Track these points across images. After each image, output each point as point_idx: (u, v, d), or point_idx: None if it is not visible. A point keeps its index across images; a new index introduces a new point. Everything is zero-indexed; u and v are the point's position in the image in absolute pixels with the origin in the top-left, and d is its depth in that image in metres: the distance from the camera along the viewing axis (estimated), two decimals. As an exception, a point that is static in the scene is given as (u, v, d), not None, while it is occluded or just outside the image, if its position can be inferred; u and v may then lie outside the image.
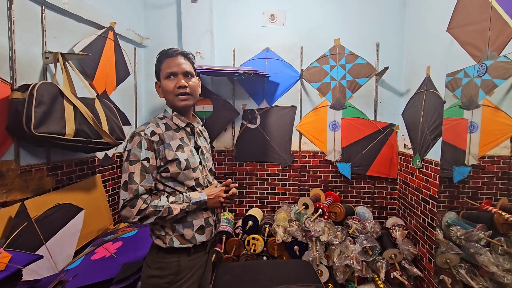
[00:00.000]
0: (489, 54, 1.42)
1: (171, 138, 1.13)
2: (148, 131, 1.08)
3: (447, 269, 1.71)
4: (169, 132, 1.14)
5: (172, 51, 1.14)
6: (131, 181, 1.03)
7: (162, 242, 1.12)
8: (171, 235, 1.12)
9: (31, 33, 1.55)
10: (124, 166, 1.06)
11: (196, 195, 1.13)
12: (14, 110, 1.34)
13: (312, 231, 2.13)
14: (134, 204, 1.02)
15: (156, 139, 1.08)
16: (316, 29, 2.55)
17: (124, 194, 1.03)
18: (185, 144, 1.16)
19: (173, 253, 1.13)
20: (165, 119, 1.18)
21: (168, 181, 1.12)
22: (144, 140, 1.06)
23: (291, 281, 1.65)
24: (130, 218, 1.02)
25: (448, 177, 1.76)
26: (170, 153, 1.10)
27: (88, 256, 1.61)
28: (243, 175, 2.73)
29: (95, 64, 2.00)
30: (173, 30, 2.63)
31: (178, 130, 1.17)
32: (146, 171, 1.06)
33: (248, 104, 2.68)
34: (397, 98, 2.51)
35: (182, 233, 1.12)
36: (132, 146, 1.06)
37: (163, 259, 1.13)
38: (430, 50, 2.02)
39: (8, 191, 1.41)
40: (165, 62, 1.14)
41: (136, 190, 1.03)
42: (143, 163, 1.05)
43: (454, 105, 1.71)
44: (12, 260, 1.03)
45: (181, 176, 1.12)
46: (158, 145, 1.09)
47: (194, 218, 1.15)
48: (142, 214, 1.03)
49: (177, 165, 1.11)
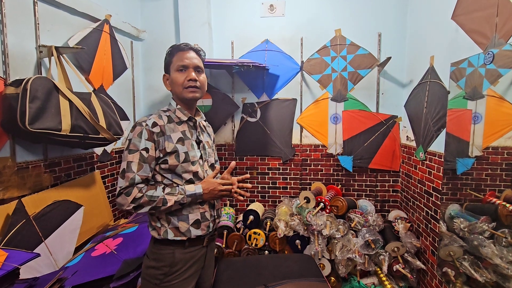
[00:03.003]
0: (496, 41, 1.38)
1: (172, 131, 1.14)
2: (150, 122, 1.10)
3: (450, 262, 1.70)
4: (171, 124, 1.15)
5: (184, 45, 1.17)
6: (128, 169, 1.06)
7: (157, 233, 1.14)
8: (166, 227, 1.14)
9: (23, 26, 1.51)
10: (124, 154, 1.09)
11: (191, 187, 1.13)
12: (8, 106, 1.31)
13: (314, 225, 2.12)
14: (129, 192, 1.04)
15: (157, 130, 1.10)
16: (316, 19, 2.50)
17: (121, 182, 1.06)
18: (186, 138, 1.17)
19: (167, 245, 1.14)
20: (168, 112, 1.20)
21: (166, 173, 1.13)
22: (145, 130, 1.08)
23: (294, 275, 1.64)
24: (124, 206, 1.04)
25: (451, 169, 1.74)
26: (169, 145, 1.11)
27: (89, 252, 1.60)
28: (244, 169, 2.71)
29: (91, 58, 1.96)
30: (171, 23, 2.58)
31: (180, 123, 1.19)
32: (144, 161, 1.08)
33: (247, 97, 2.64)
34: (399, 89, 2.46)
35: (177, 225, 1.14)
36: (133, 135, 1.08)
37: (158, 250, 1.15)
38: (434, 39, 1.97)
39: (5, 188, 1.39)
40: (177, 55, 1.16)
41: (132, 179, 1.05)
42: (142, 153, 1.07)
43: (458, 96, 1.67)
44: (9, 258, 1.01)
45: (179, 168, 1.13)
46: (159, 136, 1.10)
47: (190, 212, 1.16)
48: (137, 203, 1.05)
49: (175, 157, 1.12)
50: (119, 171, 1.09)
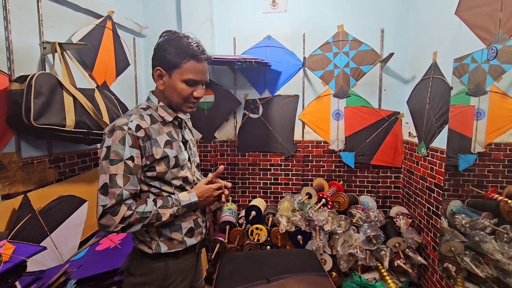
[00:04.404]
0: (500, 36, 1.37)
1: (158, 133, 0.99)
2: (133, 125, 0.92)
3: (451, 257, 1.71)
4: (155, 125, 0.99)
5: (200, 52, 0.97)
6: (112, 184, 0.88)
7: (147, 247, 1.01)
8: (157, 240, 1.01)
9: (27, 23, 1.52)
10: (102, 165, 0.90)
11: (185, 196, 1.01)
12: (13, 102, 1.32)
13: (315, 221, 2.13)
14: (116, 211, 0.88)
15: (141, 135, 0.93)
16: (318, 15, 2.49)
17: (103, 200, 0.88)
18: (173, 139, 1.03)
19: (159, 258, 1.02)
20: (149, 110, 1.02)
21: (153, 181, 0.99)
22: (128, 135, 0.90)
23: (296, 270, 1.66)
24: (111, 227, 0.88)
25: (453, 165, 1.74)
26: (158, 151, 0.97)
27: (93, 247, 1.62)
28: (246, 165, 2.72)
29: (94, 54, 1.97)
30: (173, 19, 2.58)
31: (164, 123, 1.03)
32: (131, 172, 0.91)
33: (250, 93, 2.65)
34: (402, 85, 2.46)
35: (170, 237, 1.02)
36: (112, 142, 0.89)
37: (149, 265, 1.02)
38: (437, 34, 1.96)
39: (11, 183, 1.41)
40: (190, 63, 0.96)
41: (119, 195, 0.88)
42: (127, 163, 0.90)
43: (461, 92, 1.67)
44: (16, 251, 1.03)
45: (169, 175, 1.00)
46: (144, 141, 0.94)
47: (182, 221, 1.05)
48: (126, 222, 0.89)
49: (165, 163, 0.99)
50: (98, 185, 0.89)
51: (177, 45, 0.97)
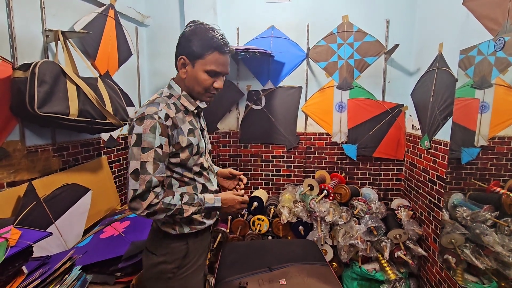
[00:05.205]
0: (508, 27, 1.35)
1: (182, 122, 1.04)
2: (162, 114, 0.97)
3: (451, 249, 1.72)
4: (179, 114, 1.04)
5: (224, 45, 1.02)
6: (143, 170, 0.94)
7: (171, 228, 1.07)
8: (180, 222, 1.08)
9: (29, 10, 1.50)
10: (133, 152, 0.95)
11: (211, 199, 1.08)
12: (16, 90, 1.32)
13: (317, 212, 2.14)
14: (145, 197, 0.94)
15: (169, 123, 0.99)
16: (323, 5, 2.45)
17: (134, 184, 0.94)
18: (194, 128, 1.09)
19: (181, 238, 1.09)
20: (172, 98, 1.07)
21: (176, 167, 1.05)
22: (159, 124, 0.95)
23: (297, 259, 1.68)
24: (138, 211, 0.95)
25: (456, 158, 1.74)
26: (183, 139, 1.02)
27: (97, 234, 1.65)
28: (248, 157, 2.73)
29: (97, 43, 1.95)
30: (175, 8, 2.54)
31: (187, 112, 1.08)
32: (160, 159, 0.97)
33: (252, 84, 2.63)
34: (406, 78, 2.43)
35: (192, 218, 1.09)
36: (143, 130, 0.94)
37: (171, 244, 1.08)
38: (444, 25, 1.93)
39: (16, 171, 1.42)
40: (213, 54, 1.00)
41: (149, 182, 0.94)
42: (157, 151, 0.96)
43: (466, 85, 1.65)
44: (23, 236, 1.05)
45: (191, 161, 1.06)
46: (172, 130, 1.00)
47: None
48: (151, 209, 0.95)
49: (189, 150, 1.04)
50: (129, 170, 0.95)
51: (202, 37, 1.00)
